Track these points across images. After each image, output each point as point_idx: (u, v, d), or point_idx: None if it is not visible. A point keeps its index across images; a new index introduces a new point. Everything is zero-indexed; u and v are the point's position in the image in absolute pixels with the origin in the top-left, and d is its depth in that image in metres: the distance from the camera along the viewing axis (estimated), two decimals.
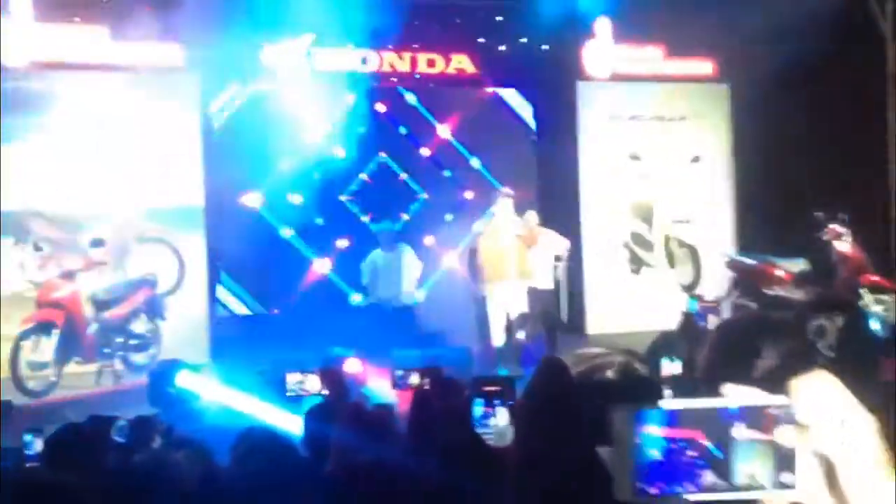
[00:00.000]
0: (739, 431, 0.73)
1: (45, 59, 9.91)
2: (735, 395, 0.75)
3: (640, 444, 0.74)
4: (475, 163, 12.08)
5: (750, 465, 0.74)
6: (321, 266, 11.51)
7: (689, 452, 0.74)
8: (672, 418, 0.74)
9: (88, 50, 10.18)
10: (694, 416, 0.74)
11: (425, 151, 11.93)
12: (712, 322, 8.62)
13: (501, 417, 4.03)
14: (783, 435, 0.72)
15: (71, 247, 9.54)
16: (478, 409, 4.14)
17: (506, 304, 9.03)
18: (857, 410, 0.72)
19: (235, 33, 10.12)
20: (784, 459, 0.73)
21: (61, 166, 9.89)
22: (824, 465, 0.72)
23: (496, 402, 4.09)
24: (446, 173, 11.94)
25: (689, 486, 0.74)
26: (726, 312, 10.00)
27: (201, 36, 9.96)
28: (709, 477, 0.74)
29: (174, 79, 10.48)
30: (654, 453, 0.74)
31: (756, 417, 0.73)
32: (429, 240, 11.59)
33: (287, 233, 11.47)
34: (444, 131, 11.94)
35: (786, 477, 0.73)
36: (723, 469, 0.74)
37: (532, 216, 9.89)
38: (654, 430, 0.74)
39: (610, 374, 1.28)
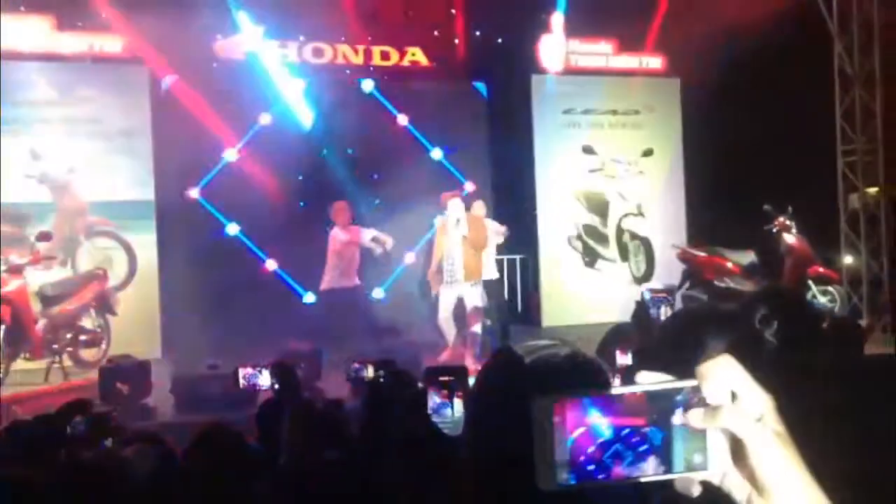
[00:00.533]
0: (678, 416, 0.77)
1: None
2: (646, 380, 0.78)
3: (559, 433, 0.76)
4: (436, 153, 11.99)
5: (687, 453, 0.77)
6: (275, 259, 11.38)
7: (608, 441, 0.76)
8: (593, 406, 0.76)
9: (34, 40, 9.98)
10: (613, 403, 0.76)
11: (381, 144, 11.82)
12: (664, 312, 8.74)
13: (456, 407, 4.05)
14: (692, 416, 0.76)
15: (18, 241, 9.35)
16: (433, 399, 4.15)
17: (456, 304, 9.03)
18: (756, 390, 0.77)
19: (186, 24, 10.00)
20: (694, 440, 0.77)
21: (7, 158, 9.68)
22: (731, 443, 0.76)
23: (450, 392, 4.10)
24: (403, 167, 11.85)
25: (608, 474, 0.76)
26: (678, 303, 10.15)
27: (151, 27, 9.83)
28: (646, 463, 0.76)
29: (123, 70, 10.32)
30: (574, 440, 0.76)
31: (667, 402, 0.77)
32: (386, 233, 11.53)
33: (233, 229, 11.25)
34: (401, 124, 11.84)
35: (697, 457, 0.77)
36: (661, 455, 0.76)
37: (480, 206, 9.87)
38: (573, 419, 0.76)
39: (556, 363, 1.30)
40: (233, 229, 11.11)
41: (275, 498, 2.82)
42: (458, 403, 3.88)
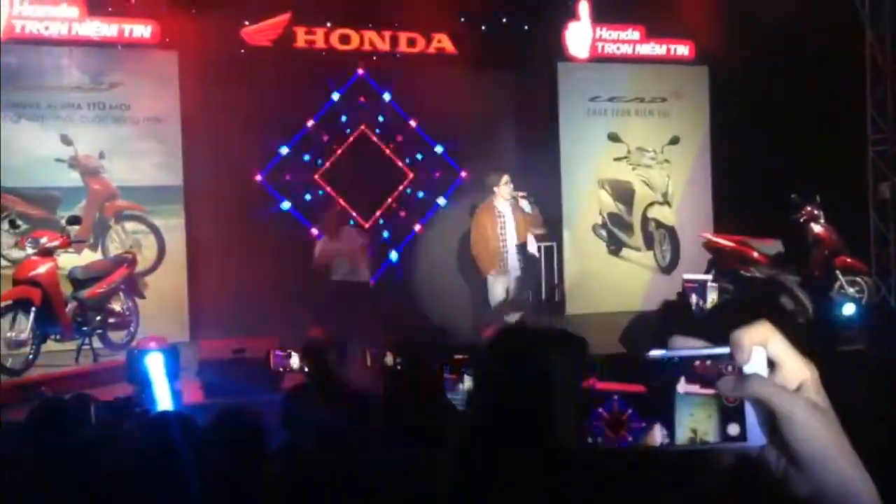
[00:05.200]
0: (681, 385, 0.73)
1: (21, 34, 9.81)
2: (680, 344, 0.75)
3: (584, 394, 0.74)
4: (439, 148, 11.96)
5: (692, 420, 0.73)
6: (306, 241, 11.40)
7: (631, 405, 0.73)
8: (616, 370, 0.75)
9: (65, 25, 10.09)
10: (638, 368, 0.74)
11: (402, 130, 11.82)
12: (695, 302, 8.69)
13: (467, 384, 4.09)
14: (724, 385, 0.72)
15: (48, 224, 9.49)
16: (448, 377, 4.19)
17: (501, 291, 9.11)
18: (797, 358, 0.73)
19: (214, 11, 10.06)
20: (729, 410, 0.73)
21: (38, 143, 9.83)
22: (767, 414, 0.72)
23: (464, 370, 4.13)
24: (421, 154, 11.86)
25: (630, 440, 0.73)
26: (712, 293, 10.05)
27: (179, 13, 9.91)
28: (652, 431, 0.74)
29: (152, 56, 10.41)
30: (598, 405, 0.73)
31: (697, 368, 0.73)
32: (404, 219, 11.61)
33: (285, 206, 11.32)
34: (420, 112, 11.80)
35: (732, 428, 0.73)
36: (665, 423, 0.74)
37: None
38: (597, 382, 0.74)
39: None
40: (285, 206, 11.29)
41: (300, 482, 2.86)
42: (468, 381, 3.91)
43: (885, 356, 4.50)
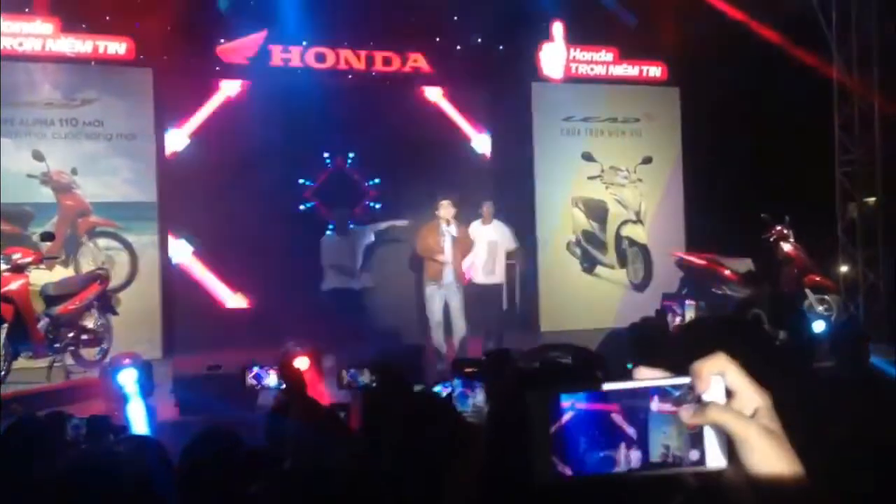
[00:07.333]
0: (654, 403, 0.78)
1: None
2: (644, 376, 0.80)
3: (556, 427, 0.77)
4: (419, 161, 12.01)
5: (665, 437, 0.78)
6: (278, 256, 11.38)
7: (604, 428, 0.77)
8: (589, 402, 0.78)
9: (39, 41, 10.05)
10: (610, 395, 0.78)
11: (378, 145, 11.86)
12: (671, 320, 8.80)
13: (478, 397, 4.14)
14: (685, 413, 0.78)
15: (21, 240, 9.41)
16: (458, 389, 4.23)
17: (443, 303, 9.17)
18: (750, 387, 0.79)
19: (190, 28, 10.07)
20: (691, 437, 0.78)
21: (10, 159, 9.75)
22: (726, 439, 0.78)
23: (475, 382, 4.18)
24: (397, 168, 11.92)
25: (605, 464, 0.77)
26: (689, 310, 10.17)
27: (155, 30, 9.91)
28: (624, 453, 0.78)
29: (126, 72, 10.39)
30: (569, 435, 0.77)
31: (664, 396, 0.79)
32: (380, 231, 11.64)
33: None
34: (395, 128, 11.85)
35: (693, 454, 0.78)
36: (639, 444, 0.78)
37: (489, 207, 9.92)
38: (569, 414, 0.77)
39: (564, 364, 1.36)
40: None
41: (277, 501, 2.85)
42: (480, 393, 3.95)
43: (853, 373, 4.60)
